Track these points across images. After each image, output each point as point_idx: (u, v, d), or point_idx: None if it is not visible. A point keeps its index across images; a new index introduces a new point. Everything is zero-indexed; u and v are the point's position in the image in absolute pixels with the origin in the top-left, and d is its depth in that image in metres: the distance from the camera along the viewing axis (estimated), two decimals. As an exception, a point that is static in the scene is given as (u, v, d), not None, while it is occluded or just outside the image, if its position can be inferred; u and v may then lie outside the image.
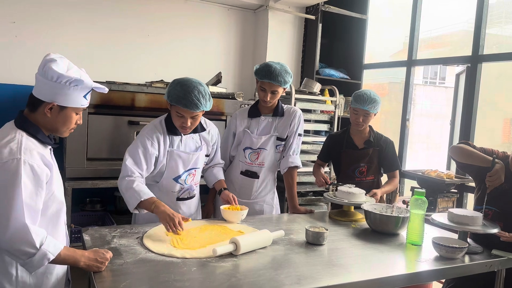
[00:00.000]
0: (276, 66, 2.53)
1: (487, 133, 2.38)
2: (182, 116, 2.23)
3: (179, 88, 2.20)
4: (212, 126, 2.55)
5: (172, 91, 2.22)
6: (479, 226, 2.09)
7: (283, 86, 2.56)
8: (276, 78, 2.51)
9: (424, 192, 2.17)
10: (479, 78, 3.65)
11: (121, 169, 2.26)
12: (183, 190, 2.45)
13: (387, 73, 6.71)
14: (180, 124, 2.27)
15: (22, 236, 1.44)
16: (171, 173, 2.37)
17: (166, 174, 2.36)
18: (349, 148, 2.88)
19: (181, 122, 2.25)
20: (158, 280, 1.58)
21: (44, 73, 1.55)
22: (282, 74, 2.52)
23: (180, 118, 2.24)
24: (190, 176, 2.44)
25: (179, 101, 2.19)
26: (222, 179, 2.62)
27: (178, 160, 2.36)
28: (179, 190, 2.42)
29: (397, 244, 2.17)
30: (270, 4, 4.45)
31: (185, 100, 2.18)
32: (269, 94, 2.57)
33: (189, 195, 2.49)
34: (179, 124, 2.27)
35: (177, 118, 2.25)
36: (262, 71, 2.54)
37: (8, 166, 1.46)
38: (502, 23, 5.63)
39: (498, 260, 2.03)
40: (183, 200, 2.45)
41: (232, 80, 4.68)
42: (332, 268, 1.80)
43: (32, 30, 3.72)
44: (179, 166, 2.37)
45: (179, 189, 2.42)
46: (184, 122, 2.25)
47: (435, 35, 8.02)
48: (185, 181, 2.43)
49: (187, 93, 2.18)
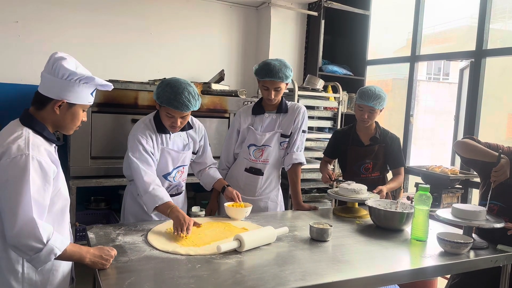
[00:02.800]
0: (275, 63, 2.53)
1: (492, 128, 2.37)
2: (172, 117, 2.28)
3: (169, 89, 2.23)
4: (198, 123, 2.59)
5: (162, 92, 2.25)
6: (484, 221, 2.08)
7: (285, 81, 2.55)
8: (277, 74, 2.50)
9: (429, 188, 2.16)
10: (483, 73, 3.63)
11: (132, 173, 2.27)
12: (172, 187, 2.50)
13: (391, 70, 6.69)
14: (170, 124, 2.31)
15: (30, 230, 1.45)
16: (161, 171, 2.40)
17: (157, 171, 2.37)
18: (355, 145, 2.86)
19: (171, 122, 2.30)
20: (163, 277, 1.58)
21: (54, 71, 1.56)
22: (282, 70, 2.51)
23: (170, 118, 2.28)
24: (179, 173, 2.50)
25: (169, 103, 2.22)
26: (220, 178, 2.63)
27: (168, 158, 2.41)
28: (168, 186, 2.47)
29: (402, 240, 2.16)
30: (272, 1, 4.45)
31: (176, 102, 2.22)
32: (273, 92, 2.56)
33: (177, 191, 2.56)
34: (169, 124, 2.31)
35: (167, 118, 2.29)
36: (262, 70, 2.54)
37: (17, 161, 1.48)
38: (506, 18, 5.59)
39: (503, 255, 2.01)
40: (171, 196, 2.46)
41: (234, 77, 4.68)
42: (337, 264, 1.79)
43: (35, 30, 3.74)
44: (168, 164, 2.42)
45: (167, 186, 2.46)
46: (174, 122, 2.29)
47: (438, 31, 7.98)
48: (174, 178, 2.47)
49: (177, 95, 2.22)
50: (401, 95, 4.90)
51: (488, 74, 3.67)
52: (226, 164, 2.81)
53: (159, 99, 2.26)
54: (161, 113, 2.31)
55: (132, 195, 2.50)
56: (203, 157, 2.64)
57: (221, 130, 3.53)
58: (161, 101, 2.25)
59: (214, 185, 2.61)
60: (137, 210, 2.47)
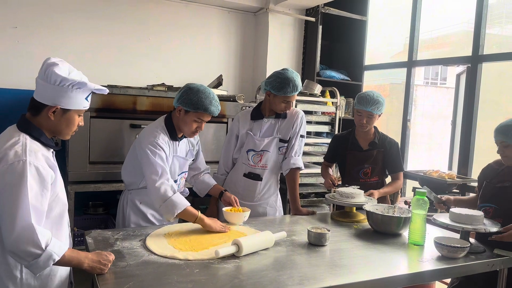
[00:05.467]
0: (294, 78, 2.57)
1: (489, 133, 2.38)
2: (201, 122, 2.31)
3: (202, 95, 2.26)
4: None
5: (195, 98, 2.25)
6: (481, 225, 2.09)
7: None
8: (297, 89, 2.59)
9: (426, 192, 2.18)
10: (479, 78, 3.66)
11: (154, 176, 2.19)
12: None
13: (388, 74, 6.71)
14: (194, 129, 2.33)
15: (28, 236, 1.45)
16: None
17: None
18: (354, 150, 2.88)
19: (197, 127, 2.32)
20: (161, 282, 1.59)
21: (46, 77, 1.56)
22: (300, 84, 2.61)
23: (197, 123, 2.31)
24: (182, 179, 2.52)
25: (206, 108, 2.26)
26: (215, 183, 2.64)
27: (177, 165, 2.42)
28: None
29: (399, 245, 2.17)
30: (270, 7, 4.47)
31: (213, 107, 2.28)
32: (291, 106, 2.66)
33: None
34: (194, 129, 2.33)
35: (194, 123, 2.31)
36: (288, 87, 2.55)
37: (14, 167, 1.48)
38: (503, 23, 5.62)
39: (500, 260, 2.03)
40: None
41: (233, 82, 4.71)
42: (335, 269, 1.80)
43: (34, 35, 3.76)
44: (176, 170, 2.43)
45: None
46: (200, 127, 2.34)
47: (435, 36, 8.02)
48: (179, 184, 2.48)
49: (212, 100, 2.28)
50: (398, 100, 4.92)
51: (485, 78, 3.70)
52: (225, 170, 2.82)
53: (191, 105, 2.26)
54: (187, 119, 2.29)
55: (133, 204, 2.45)
56: (197, 162, 2.64)
57: (219, 135, 3.54)
58: (195, 107, 2.25)
59: (210, 191, 2.62)
60: (139, 219, 2.45)
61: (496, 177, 2.34)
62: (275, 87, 2.57)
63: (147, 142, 2.25)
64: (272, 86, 2.58)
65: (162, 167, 2.21)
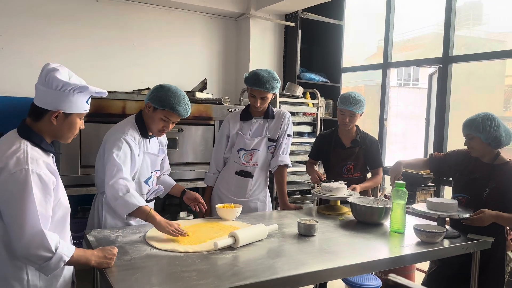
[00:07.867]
0: (264, 74, 2.68)
1: (460, 130, 2.60)
2: (168, 121, 2.33)
3: (172, 94, 2.29)
4: None
5: (164, 96, 2.28)
6: (455, 212, 2.29)
7: (271, 92, 2.72)
8: (265, 85, 2.67)
9: (404, 184, 2.34)
10: (450, 78, 3.86)
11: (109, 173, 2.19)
12: (151, 191, 2.53)
13: (363, 77, 6.92)
14: (161, 128, 2.34)
15: (39, 241, 1.50)
16: (142, 175, 2.43)
17: (140, 176, 2.41)
18: (337, 147, 3.06)
19: (163, 126, 2.34)
20: (167, 272, 1.70)
21: (47, 82, 1.59)
22: (269, 81, 2.67)
23: (164, 122, 2.32)
24: (154, 177, 2.54)
25: (173, 108, 2.28)
26: (176, 183, 2.69)
27: (148, 162, 2.44)
28: (147, 191, 2.50)
29: (382, 233, 2.34)
30: (251, 12, 4.61)
31: (180, 107, 2.30)
32: (259, 100, 2.72)
33: (156, 194, 2.58)
34: (160, 128, 2.34)
35: (161, 121, 2.32)
36: (252, 79, 2.70)
37: (17, 176, 1.51)
38: (470, 25, 5.91)
39: (473, 243, 2.22)
40: (150, 202, 2.54)
41: (217, 85, 4.81)
42: (324, 255, 1.95)
43: (19, 43, 3.77)
44: (148, 168, 2.46)
45: (147, 191, 2.50)
46: (166, 127, 2.35)
47: (407, 38, 8.31)
48: (152, 182, 2.52)
49: (181, 101, 2.30)
50: (374, 101, 5.10)
51: (455, 79, 3.91)
52: (217, 168, 2.93)
53: (159, 103, 2.27)
54: (154, 116, 2.32)
55: (109, 207, 2.34)
56: (163, 162, 2.67)
57: (206, 137, 3.65)
58: (162, 104, 2.28)
59: (171, 191, 2.66)
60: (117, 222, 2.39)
61: (466, 169, 2.55)
62: (246, 80, 2.74)
63: (114, 138, 2.27)
64: (245, 79, 2.75)
65: (119, 165, 2.18)
